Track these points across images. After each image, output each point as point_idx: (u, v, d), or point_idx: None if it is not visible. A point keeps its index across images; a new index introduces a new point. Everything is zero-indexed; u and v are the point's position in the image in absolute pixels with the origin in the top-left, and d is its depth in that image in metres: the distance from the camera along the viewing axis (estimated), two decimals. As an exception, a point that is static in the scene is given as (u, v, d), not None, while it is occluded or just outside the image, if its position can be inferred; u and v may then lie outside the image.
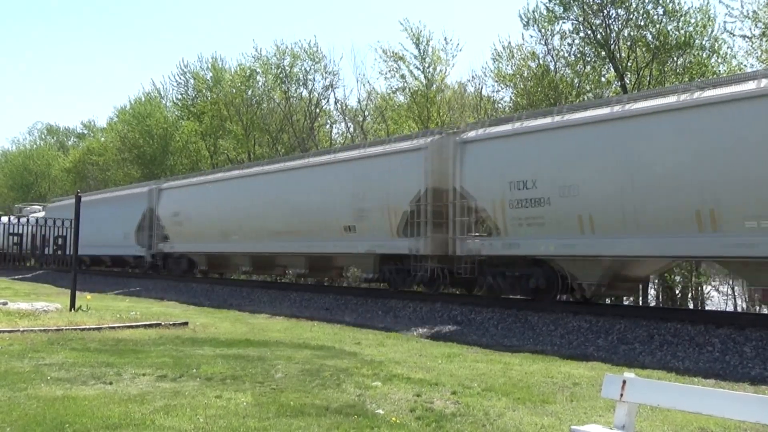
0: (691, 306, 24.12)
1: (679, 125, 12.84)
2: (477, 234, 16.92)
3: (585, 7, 26.19)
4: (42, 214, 47.01)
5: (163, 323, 15.10)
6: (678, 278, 24.39)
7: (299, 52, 39.80)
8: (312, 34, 74.24)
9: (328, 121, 43.11)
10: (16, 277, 40.18)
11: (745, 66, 24.15)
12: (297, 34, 76.54)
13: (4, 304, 17.37)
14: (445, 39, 42.74)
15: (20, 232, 47.33)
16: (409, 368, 10.29)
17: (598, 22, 26.28)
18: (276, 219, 23.17)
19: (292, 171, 23.22)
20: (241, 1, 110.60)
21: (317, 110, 41.10)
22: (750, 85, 12.17)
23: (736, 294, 26.38)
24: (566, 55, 27.90)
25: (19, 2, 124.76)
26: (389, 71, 35.01)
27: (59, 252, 27.90)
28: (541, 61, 28.53)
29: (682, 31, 24.79)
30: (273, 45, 61.99)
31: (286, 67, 40.25)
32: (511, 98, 30.82)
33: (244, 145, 42.62)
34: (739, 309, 25.20)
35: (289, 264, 24.65)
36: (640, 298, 24.81)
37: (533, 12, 27.87)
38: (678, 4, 25.03)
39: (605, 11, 26.01)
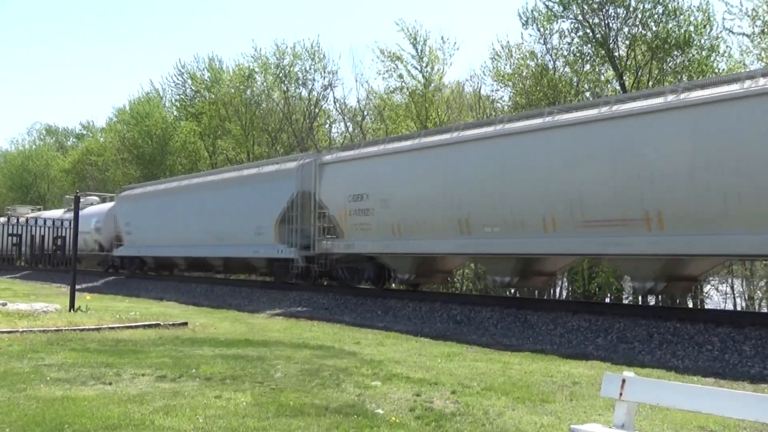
0: (690, 305, 24.10)
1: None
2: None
3: (584, 5, 26.19)
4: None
5: (162, 323, 15.10)
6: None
7: (300, 52, 39.82)
8: (314, 34, 74.41)
9: (327, 121, 43.13)
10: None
11: (742, 66, 24.17)
12: (295, 34, 76.69)
13: (4, 304, 17.36)
14: (442, 38, 42.80)
15: (18, 232, 46.82)
16: (408, 368, 10.29)
17: (597, 20, 26.28)
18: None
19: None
20: (240, 2, 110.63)
21: (316, 110, 41.10)
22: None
23: (735, 293, 26.43)
24: (565, 54, 27.91)
25: (17, 3, 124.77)
26: (387, 71, 35.05)
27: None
28: (539, 61, 28.55)
29: (682, 30, 24.79)
30: (273, 45, 61.87)
31: (286, 67, 40.27)
32: (510, 97, 30.85)
33: (243, 145, 42.62)
34: (738, 308, 25.23)
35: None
36: (640, 297, 24.81)
37: (532, 11, 27.90)
38: (678, 2, 25.05)
39: (604, 10, 26.01)
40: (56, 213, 43.22)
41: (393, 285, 21.39)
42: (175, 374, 9.28)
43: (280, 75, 40.50)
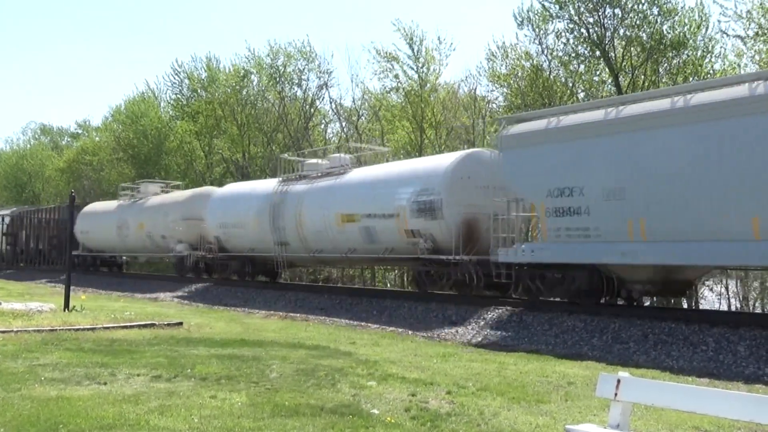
0: (685, 305, 24.14)
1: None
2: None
3: (580, 5, 26.24)
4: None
5: (157, 323, 15.08)
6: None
7: (293, 52, 39.83)
8: (309, 34, 74.38)
9: (323, 121, 43.12)
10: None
11: (737, 68, 24.24)
12: (291, 34, 76.76)
13: (-2, 304, 17.31)
14: (438, 38, 42.80)
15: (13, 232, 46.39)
16: (404, 368, 10.29)
17: (592, 21, 26.33)
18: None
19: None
20: (236, 1, 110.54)
21: (312, 110, 41.09)
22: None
23: (729, 294, 26.48)
24: (560, 54, 27.95)
25: (12, 2, 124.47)
26: (383, 71, 35.06)
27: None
28: (534, 61, 28.58)
29: (677, 31, 24.86)
30: (266, 45, 61.83)
31: (280, 67, 40.27)
32: (505, 98, 30.86)
33: (239, 145, 42.58)
34: (733, 308, 25.28)
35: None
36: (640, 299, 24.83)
37: (528, 11, 27.95)
38: (673, 3, 25.11)
39: (600, 10, 26.06)
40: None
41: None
42: (170, 374, 9.27)
43: (275, 75, 40.50)
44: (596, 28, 26.27)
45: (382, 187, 19.73)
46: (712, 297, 26.08)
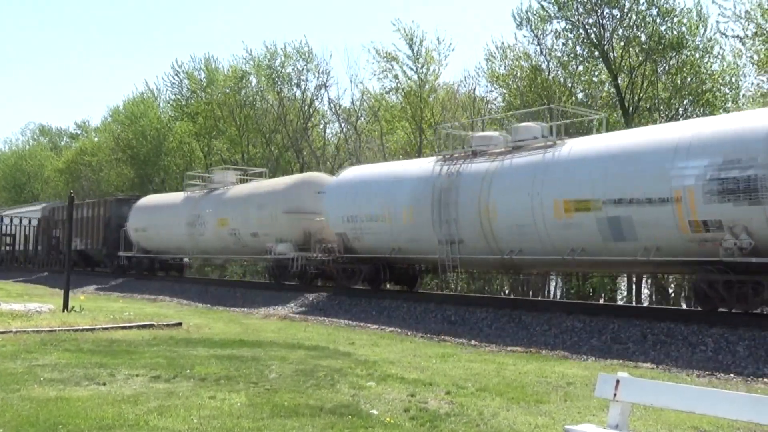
0: (684, 306, 24.19)
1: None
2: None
3: (579, 6, 26.26)
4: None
5: (156, 324, 15.07)
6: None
7: (291, 53, 39.87)
8: (307, 34, 74.40)
9: (322, 121, 43.15)
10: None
11: (735, 68, 24.29)
12: (290, 34, 76.69)
13: (-3, 305, 17.30)
14: (438, 39, 42.84)
15: (12, 232, 45.93)
16: (403, 368, 10.29)
17: (591, 21, 26.35)
18: None
19: None
20: (235, 2, 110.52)
21: (310, 110, 41.11)
22: None
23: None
24: (559, 54, 27.99)
25: (10, 3, 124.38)
26: (382, 72, 35.09)
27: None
28: (533, 62, 28.60)
29: (675, 32, 24.89)
30: (264, 46, 61.85)
31: (278, 68, 40.30)
32: (504, 98, 30.89)
33: (238, 146, 42.58)
34: (732, 309, 25.27)
35: None
36: (634, 298, 24.88)
37: (526, 12, 27.99)
38: (672, 4, 25.15)
39: (599, 11, 26.08)
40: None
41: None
42: (169, 375, 9.27)
43: (273, 76, 40.53)
44: (595, 29, 26.30)
45: (642, 160, 13.80)
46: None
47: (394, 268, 20.66)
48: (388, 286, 21.79)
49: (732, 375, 10.54)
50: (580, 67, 27.82)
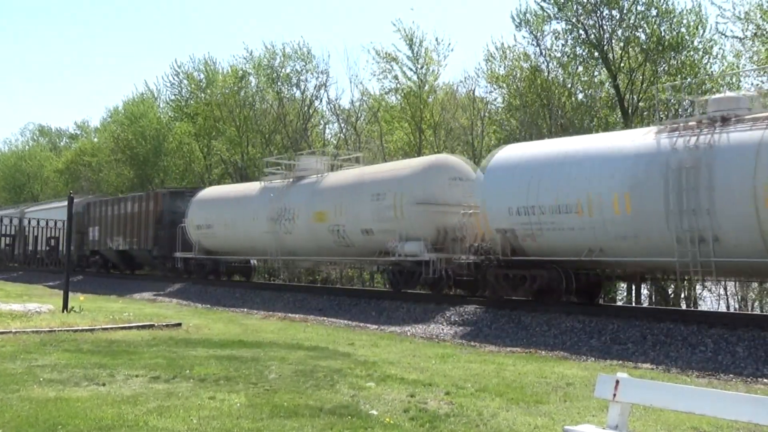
0: (683, 306, 24.18)
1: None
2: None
3: (578, 7, 26.28)
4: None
5: (156, 324, 15.06)
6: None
7: (290, 53, 39.90)
8: (306, 34, 74.35)
9: (322, 122, 43.15)
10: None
11: (735, 68, 24.28)
12: (290, 35, 76.71)
13: (-4, 305, 17.29)
14: (437, 39, 42.89)
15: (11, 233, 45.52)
16: (402, 369, 10.29)
17: (591, 22, 26.36)
18: None
19: None
20: (234, 3, 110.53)
21: (310, 111, 41.11)
22: None
23: (728, 294, 26.48)
24: (559, 55, 28.01)
25: (9, 2, 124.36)
26: (382, 72, 35.10)
27: None
28: (533, 62, 28.62)
29: (675, 32, 24.90)
30: (263, 46, 61.92)
31: (277, 68, 40.32)
32: (504, 99, 30.91)
33: (237, 146, 42.59)
34: (731, 309, 25.29)
35: None
36: (633, 299, 24.87)
37: (525, 13, 28.00)
38: (671, 4, 25.17)
39: (598, 12, 26.10)
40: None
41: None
42: (168, 375, 9.27)
43: (272, 76, 40.54)
44: (594, 30, 26.31)
45: None
46: (710, 298, 26.10)
47: (578, 275, 15.98)
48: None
49: (731, 375, 10.55)
50: (580, 68, 27.83)
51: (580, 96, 28.21)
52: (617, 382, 5.12)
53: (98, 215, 34.66)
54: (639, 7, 25.51)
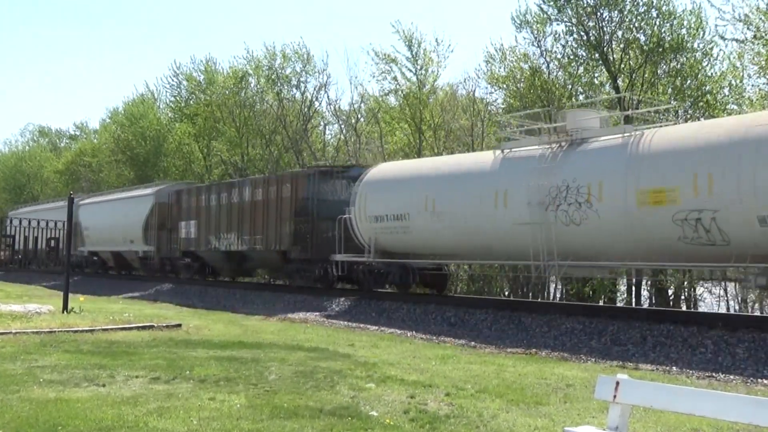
0: (683, 307, 24.18)
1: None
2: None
3: (579, 8, 26.29)
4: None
5: (156, 325, 15.06)
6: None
7: (290, 54, 39.94)
8: (305, 35, 74.24)
9: (322, 123, 43.18)
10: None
11: (735, 70, 24.30)
12: (290, 35, 76.70)
13: (-4, 306, 17.28)
14: (436, 40, 42.92)
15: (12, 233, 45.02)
16: (402, 370, 10.29)
17: (591, 24, 26.37)
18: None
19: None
20: (235, 3, 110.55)
21: (310, 112, 41.13)
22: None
23: (728, 295, 26.45)
24: (559, 57, 28.02)
25: (9, 4, 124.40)
26: (381, 73, 35.12)
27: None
28: (533, 63, 28.63)
29: (675, 34, 24.91)
30: (263, 47, 61.95)
31: (277, 69, 40.35)
32: (504, 100, 30.90)
33: (237, 147, 42.60)
34: (731, 310, 25.28)
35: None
36: (633, 300, 24.87)
37: (525, 14, 28.02)
38: (671, 6, 25.18)
39: (598, 13, 26.11)
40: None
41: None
42: (168, 376, 9.26)
43: (272, 77, 40.57)
44: (595, 31, 26.31)
45: None
46: (710, 299, 26.10)
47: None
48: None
49: (732, 377, 10.54)
50: (580, 69, 27.84)
51: (581, 97, 28.21)
52: (617, 383, 5.11)
53: (196, 206, 27.39)
54: (639, 9, 25.52)
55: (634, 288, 25.14)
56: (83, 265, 38.01)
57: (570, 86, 28.17)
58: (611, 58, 26.35)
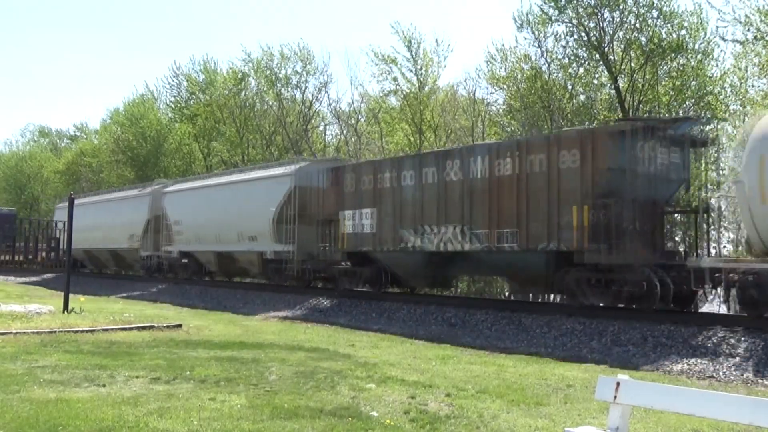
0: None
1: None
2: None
3: (579, 9, 26.30)
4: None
5: (156, 325, 15.07)
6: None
7: (289, 54, 39.97)
8: (305, 36, 74.23)
9: (322, 123, 43.22)
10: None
11: (737, 71, 24.30)
12: (290, 36, 76.79)
13: (-3, 306, 17.29)
14: (436, 41, 43.03)
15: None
16: (403, 370, 10.29)
17: (592, 24, 26.37)
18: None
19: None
20: (234, 4, 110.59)
21: (310, 112, 41.15)
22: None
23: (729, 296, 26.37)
24: (560, 57, 28.03)
25: (9, 4, 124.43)
26: (381, 74, 35.15)
27: None
28: (534, 64, 28.64)
29: (675, 35, 24.92)
30: (260, 48, 61.97)
31: (276, 69, 40.41)
32: (504, 100, 30.92)
33: (237, 147, 42.62)
34: (732, 311, 25.26)
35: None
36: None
37: (527, 14, 28.04)
38: (672, 7, 25.19)
39: (599, 14, 26.11)
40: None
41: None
42: (169, 376, 9.26)
43: (272, 78, 40.60)
44: (595, 32, 26.32)
45: None
46: (711, 300, 26.06)
47: None
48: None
49: (732, 377, 10.54)
50: (581, 70, 27.85)
51: (582, 98, 28.23)
52: (618, 384, 5.11)
53: (373, 187, 19.24)
54: (640, 9, 25.53)
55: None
56: (165, 269, 30.03)
57: (571, 87, 28.18)
58: (612, 58, 26.36)
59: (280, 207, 22.75)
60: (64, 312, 16.90)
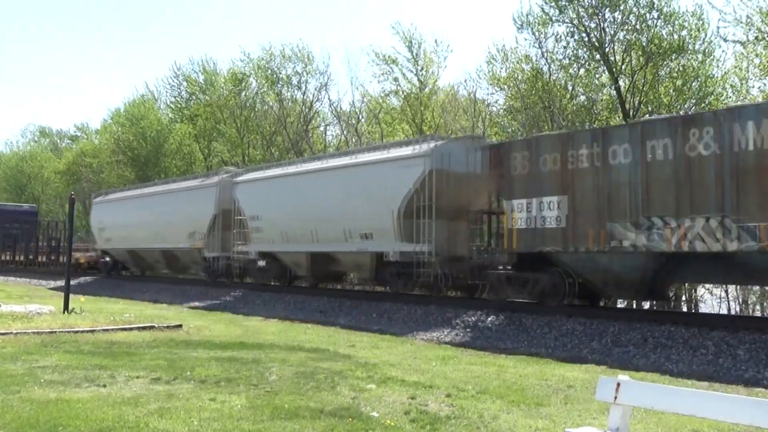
0: (684, 309, 24.18)
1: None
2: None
3: (580, 9, 26.29)
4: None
5: (156, 326, 15.07)
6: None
7: (290, 55, 39.98)
8: (305, 36, 74.26)
9: (323, 123, 43.22)
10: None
11: (739, 71, 24.28)
12: (290, 36, 76.73)
13: (-3, 306, 17.29)
14: (436, 41, 43.06)
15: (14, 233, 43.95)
16: (403, 371, 10.28)
17: (592, 25, 26.36)
18: None
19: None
20: (235, 5, 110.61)
21: (311, 112, 41.16)
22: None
23: (729, 297, 26.45)
24: (560, 57, 28.01)
25: (10, 4, 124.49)
26: (382, 74, 35.15)
27: None
28: (534, 64, 28.63)
29: (676, 36, 24.91)
30: (261, 48, 61.96)
31: (276, 69, 40.40)
32: (505, 101, 30.92)
33: (238, 147, 42.62)
34: (732, 312, 25.28)
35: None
36: (634, 301, 24.85)
37: (527, 15, 28.02)
38: (672, 7, 25.17)
39: (600, 14, 26.10)
40: None
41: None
42: (169, 377, 9.26)
43: (272, 78, 40.61)
44: (596, 32, 26.31)
45: None
46: (711, 300, 26.11)
47: None
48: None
49: (733, 378, 10.53)
50: (581, 70, 27.83)
51: (582, 98, 28.21)
52: (618, 384, 5.11)
53: (560, 169, 14.97)
54: (641, 10, 25.52)
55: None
56: (236, 273, 26.23)
57: (571, 87, 28.17)
58: (612, 59, 26.35)
59: (408, 196, 18.19)
60: (64, 312, 16.91)
